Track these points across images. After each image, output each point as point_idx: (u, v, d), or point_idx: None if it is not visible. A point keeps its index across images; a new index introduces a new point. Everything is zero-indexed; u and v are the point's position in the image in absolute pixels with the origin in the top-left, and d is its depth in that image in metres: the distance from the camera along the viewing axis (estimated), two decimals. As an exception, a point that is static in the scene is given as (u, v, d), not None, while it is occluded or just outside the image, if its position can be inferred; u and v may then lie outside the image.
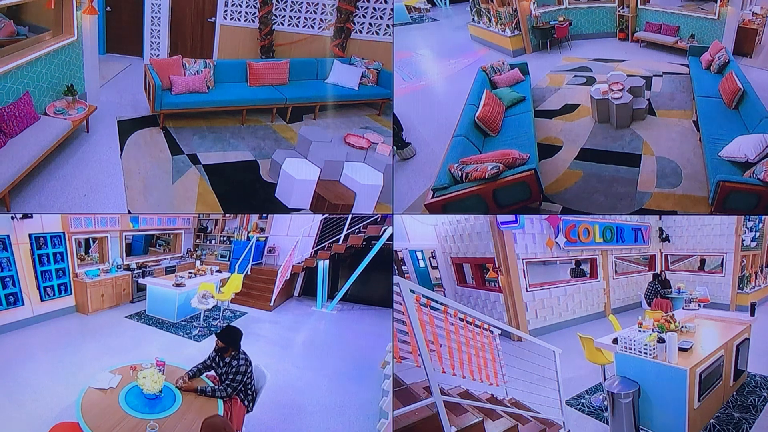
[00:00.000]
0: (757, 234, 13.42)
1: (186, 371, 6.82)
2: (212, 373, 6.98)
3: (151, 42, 11.77)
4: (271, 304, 13.18)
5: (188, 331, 11.15)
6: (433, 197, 8.36)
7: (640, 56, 12.92)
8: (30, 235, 10.88)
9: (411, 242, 13.21)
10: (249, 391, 6.81)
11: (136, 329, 11.29)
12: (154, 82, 10.08)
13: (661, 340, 7.18)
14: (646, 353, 7.21)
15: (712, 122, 9.44)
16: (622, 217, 13.59)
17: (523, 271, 11.81)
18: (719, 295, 13.11)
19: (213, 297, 11.52)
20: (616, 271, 14.07)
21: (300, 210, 9.10)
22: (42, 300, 11.11)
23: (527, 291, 11.88)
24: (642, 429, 7.22)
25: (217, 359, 6.85)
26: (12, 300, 10.49)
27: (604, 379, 8.47)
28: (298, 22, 11.68)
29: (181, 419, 5.97)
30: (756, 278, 13.56)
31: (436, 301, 6.05)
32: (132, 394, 6.23)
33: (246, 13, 11.65)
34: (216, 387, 6.55)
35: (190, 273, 13.16)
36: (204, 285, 11.85)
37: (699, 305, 10.53)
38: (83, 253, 12.72)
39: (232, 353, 6.79)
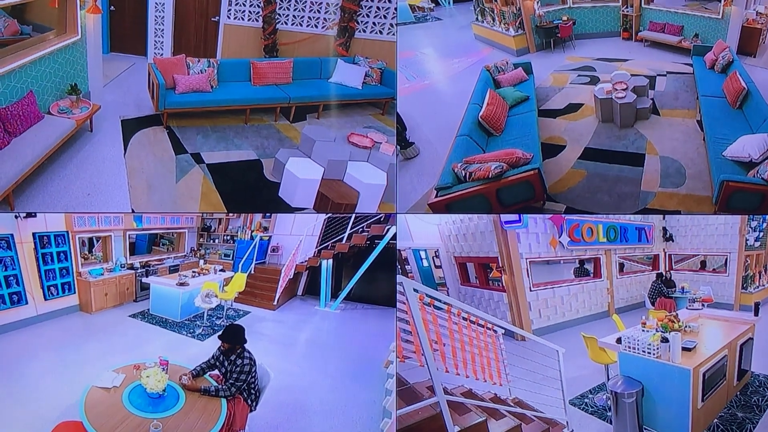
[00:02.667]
0: (761, 234, 13.39)
1: (190, 370, 6.84)
2: (216, 372, 6.99)
3: (155, 41, 11.77)
4: (275, 303, 13.17)
5: (192, 330, 11.16)
6: (436, 196, 8.36)
7: (643, 56, 12.90)
8: (34, 234, 10.89)
9: (414, 241, 13.20)
10: (252, 390, 6.82)
11: (139, 328, 11.30)
12: (157, 81, 10.08)
13: (665, 340, 7.18)
14: (649, 353, 7.21)
15: (716, 122, 9.42)
16: (625, 216, 13.57)
17: (527, 270, 11.80)
18: (723, 295, 13.07)
19: (216, 296, 11.53)
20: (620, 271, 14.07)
21: (303, 209, 9.11)
22: (45, 299, 11.12)
23: (531, 290, 11.85)
24: (645, 429, 7.22)
25: (221, 358, 6.86)
26: (16, 299, 10.51)
27: (608, 379, 8.46)
28: (302, 21, 11.68)
29: (184, 418, 5.99)
30: (759, 278, 13.53)
31: (440, 300, 6.06)
32: (135, 393, 6.25)
33: (250, 12, 11.66)
34: (220, 386, 6.55)
35: (193, 272, 13.18)
36: (207, 284, 11.85)
37: (703, 305, 10.52)
38: (87, 252, 12.73)
39: (238, 351, 6.79)
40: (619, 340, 7.65)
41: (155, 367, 6.55)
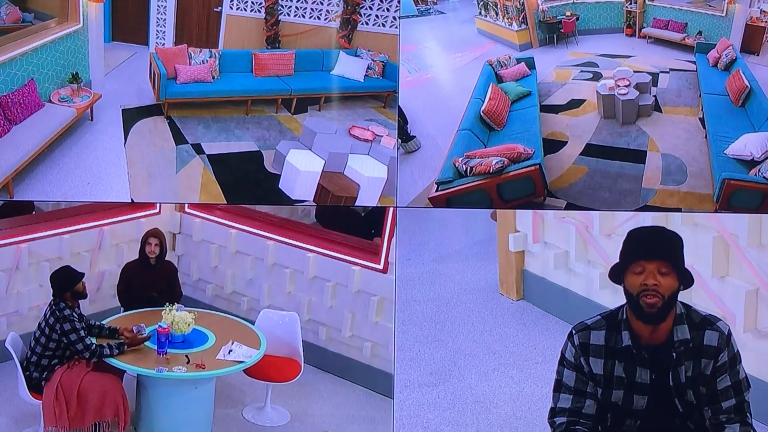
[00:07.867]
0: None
1: None
2: None
3: (157, 31, 11.73)
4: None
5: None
6: (437, 191, 8.36)
7: (647, 52, 12.83)
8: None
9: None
10: None
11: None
12: (159, 71, 10.06)
13: None
14: None
15: (718, 120, 9.41)
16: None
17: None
18: None
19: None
20: None
21: (304, 202, 9.10)
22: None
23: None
24: None
25: None
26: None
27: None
28: (305, 12, 11.64)
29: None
30: None
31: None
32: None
33: (252, 3, 11.61)
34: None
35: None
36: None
37: None
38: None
39: None
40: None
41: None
